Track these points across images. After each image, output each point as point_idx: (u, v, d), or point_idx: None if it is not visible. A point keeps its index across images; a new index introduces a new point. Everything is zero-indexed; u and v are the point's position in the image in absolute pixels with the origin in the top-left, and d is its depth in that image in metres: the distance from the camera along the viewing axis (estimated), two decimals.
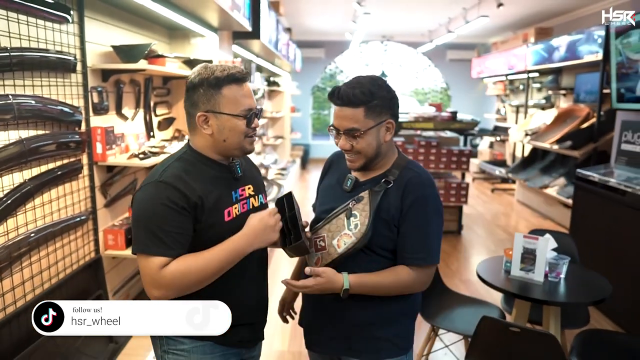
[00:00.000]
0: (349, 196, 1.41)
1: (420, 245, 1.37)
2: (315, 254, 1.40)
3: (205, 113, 1.28)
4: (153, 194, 1.24)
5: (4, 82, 1.75)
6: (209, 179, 1.30)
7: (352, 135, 1.35)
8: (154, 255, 1.20)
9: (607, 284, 2.22)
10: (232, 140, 1.31)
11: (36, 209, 1.98)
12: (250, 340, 1.44)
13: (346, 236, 1.35)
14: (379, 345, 1.42)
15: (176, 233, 1.22)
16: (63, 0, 2.09)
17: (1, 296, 1.79)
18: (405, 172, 1.41)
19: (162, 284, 1.21)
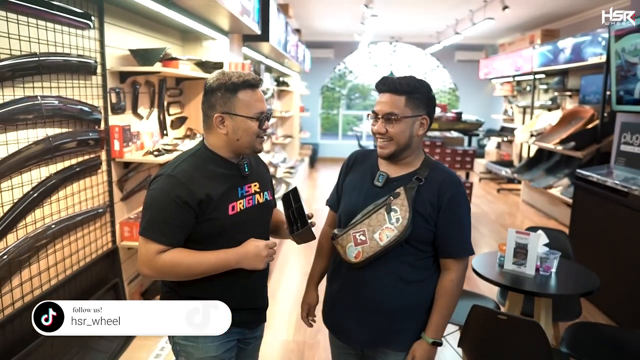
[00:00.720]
0: (380, 192, 1.51)
1: (460, 240, 1.51)
2: (356, 248, 1.47)
3: (221, 114, 1.42)
4: (164, 187, 1.39)
5: (33, 85, 1.91)
6: (218, 176, 1.44)
7: (389, 119, 1.46)
8: (154, 241, 1.36)
9: (596, 277, 2.33)
10: (245, 139, 1.44)
11: (60, 201, 2.14)
12: (253, 322, 1.59)
13: (388, 230, 1.44)
14: (410, 335, 1.52)
15: (177, 226, 1.38)
16: (85, 8, 2.25)
17: (29, 280, 1.95)
18: (435, 171, 1.51)
19: (154, 267, 1.37)
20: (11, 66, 1.75)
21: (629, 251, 3.23)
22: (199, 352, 1.46)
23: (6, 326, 1.80)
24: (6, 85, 1.76)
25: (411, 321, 1.53)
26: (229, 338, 1.51)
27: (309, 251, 4.91)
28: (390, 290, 1.49)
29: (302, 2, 6.67)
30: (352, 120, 12.46)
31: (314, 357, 2.93)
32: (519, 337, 1.92)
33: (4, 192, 1.79)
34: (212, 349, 1.47)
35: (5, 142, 1.78)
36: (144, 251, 1.38)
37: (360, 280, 1.52)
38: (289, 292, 3.84)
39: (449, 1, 6.64)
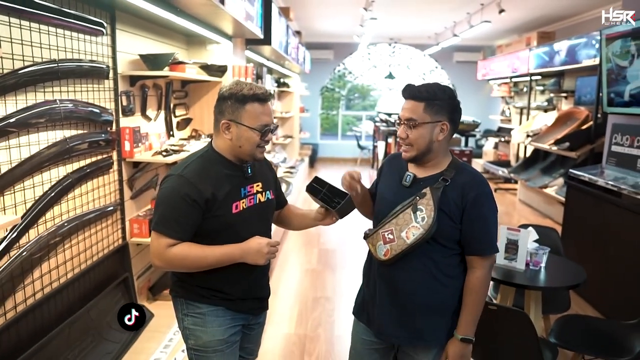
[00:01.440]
0: (407, 191, 1.57)
1: (485, 238, 1.55)
2: (384, 246, 1.55)
3: (228, 121, 1.54)
4: (175, 186, 1.51)
5: (52, 89, 2.03)
6: (223, 176, 1.56)
7: (409, 125, 1.53)
8: (165, 236, 1.48)
9: (583, 271, 2.45)
10: (246, 148, 1.56)
11: (75, 199, 2.26)
12: (256, 309, 1.72)
13: (414, 228, 1.51)
14: (438, 331, 1.60)
15: (185, 222, 1.50)
16: (99, 15, 2.37)
17: (48, 273, 2.07)
18: (460, 173, 1.57)
19: (164, 259, 1.49)
20: (33, 72, 1.88)
21: (617, 248, 3.36)
22: (207, 336, 1.58)
23: (29, 315, 1.92)
24: (29, 90, 1.88)
25: (439, 318, 1.59)
26: (235, 323, 1.63)
27: (308, 249, 5.05)
28: (418, 287, 1.57)
29: (302, 5, 6.80)
30: (351, 120, 12.58)
31: (315, 349, 3.05)
32: (508, 327, 2.03)
33: (27, 190, 1.91)
34: (219, 333, 1.59)
35: (28, 143, 1.90)
36: (155, 244, 1.49)
37: (390, 277, 1.60)
38: (289, 289, 3.96)
39: (447, 4, 6.76)
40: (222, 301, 1.59)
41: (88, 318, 2.34)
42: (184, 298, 1.60)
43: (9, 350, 1.77)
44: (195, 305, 1.59)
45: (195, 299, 1.58)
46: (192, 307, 1.60)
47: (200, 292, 1.58)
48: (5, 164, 1.78)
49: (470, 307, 1.57)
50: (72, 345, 2.18)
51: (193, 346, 1.61)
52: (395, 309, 1.61)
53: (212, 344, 1.58)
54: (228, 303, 1.60)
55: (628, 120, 3.87)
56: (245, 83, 1.55)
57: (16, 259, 1.83)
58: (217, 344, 1.59)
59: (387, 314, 1.63)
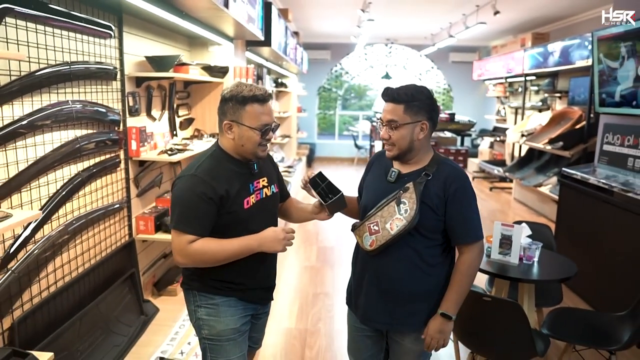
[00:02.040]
0: (392, 186, 1.66)
1: (469, 227, 1.64)
2: (370, 236, 1.64)
3: (230, 122, 1.62)
4: (190, 185, 1.58)
5: (65, 90, 2.11)
6: (233, 174, 1.64)
7: (391, 126, 1.61)
8: (185, 233, 1.55)
9: (574, 265, 2.55)
10: (248, 147, 1.63)
11: (86, 196, 2.34)
12: (264, 299, 1.81)
13: (398, 220, 1.59)
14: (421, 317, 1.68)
15: (204, 219, 1.57)
16: (107, 19, 2.45)
17: (61, 267, 2.15)
18: (442, 167, 1.65)
19: (187, 255, 1.54)
20: (48, 74, 1.96)
21: (608, 243, 3.47)
22: (221, 325, 1.67)
23: (43, 307, 2.00)
24: (44, 91, 1.96)
25: (423, 304, 1.67)
26: (246, 313, 1.72)
27: (307, 246, 5.14)
28: (402, 276, 1.66)
29: (300, 6, 6.88)
30: (347, 120, 12.67)
31: (315, 343, 3.13)
32: (502, 317, 2.13)
33: (42, 187, 1.99)
34: (232, 322, 1.67)
35: (42, 142, 1.98)
36: (177, 242, 1.55)
37: (376, 266, 1.70)
38: (289, 285, 4.05)
39: (443, 5, 6.86)
40: (235, 292, 1.67)
41: (97, 311, 2.42)
42: (197, 290, 1.68)
43: (26, 340, 1.85)
44: (209, 297, 1.68)
45: (209, 291, 1.67)
46: (205, 299, 1.68)
47: (213, 284, 1.66)
48: (22, 162, 1.86)
49: (455, 286, 1.64)
50: (82, 337, 2.26)
51: (207, 336, 1.69)
52: (380, 297, 1.70)
53: (226, 333, 1.67)
54: (240, 294, 1.69)
55: (619, 120, 3.98)
56: (246, 85, 1.63)
57: (32, 254, 1.91)
58: (230, 332, 1.67)
59: (373, 301, 1.72)
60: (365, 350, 1.86)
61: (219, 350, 1.68)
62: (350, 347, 1.92)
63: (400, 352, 1.75)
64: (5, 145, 1.76)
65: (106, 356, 2.37)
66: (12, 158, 1.80)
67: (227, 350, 1.68)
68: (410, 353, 1.74)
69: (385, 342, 1.83)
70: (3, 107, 1.74)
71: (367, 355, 1.87)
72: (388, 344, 1.81)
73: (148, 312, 2.87)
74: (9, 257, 1.79)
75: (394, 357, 1.80)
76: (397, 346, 1.76)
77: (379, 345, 1.84)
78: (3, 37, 1.72)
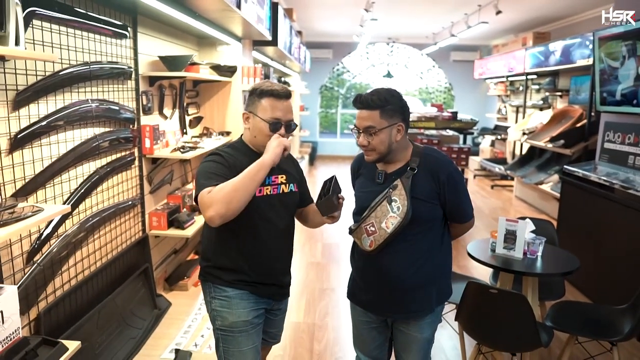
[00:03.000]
0: (382, 187, 1.70)
1: (465, 209, 1.76)
2: (368, 238, 1.69)
3: (247, 112, 1.70)
4: (211, 159, 1.64)
5: (85, 90, 2.18)
6: (249, 162, 1.63)
7: (369, 132, 1.64)
8: (205, 187, 1.52)
9: (576, 260, 2.62)
10: (259, 138, 1.70)
11: (103, 192, 2.41)
12: (278, 295, 1.86)
13: (392, 218, 1.64)
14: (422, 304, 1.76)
15: (223, 175, 1.58)
16: (122, 19, 2.52)
17: (81, 261, 2.23)
18: (425, 158, 1.70)
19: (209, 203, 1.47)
20: (70, 74, 2.03)
21: (608, 239, 3.55)
22: (232, 317, 1.73)
23: (65, 300, 2.07)
24: (66, 90, 2.03)
25: (426, 290, 1.73)
26: (258, 306, 1.78)
27: (312, 243, 5.21)
28: (403, 268, 1.72)
29: (304, 6, 6.95)
30: (349, 118, 12.74)
31: (324, 337, 3.21)
32: (507, 309, 2.20)
33: (64, 183, 2.06)
34: (243, 314, 1.73)
35: (65, 140, 2.05)
36: (201, 201, 1.50)
37: (376, 262, 1.75)
38: (296, 281, 4.12)
39: (445, 5, 6.93)
40: (246, 286, 1.73)
41: (114, 305, 2.49)
42: (212, 282, 1.75)
43: (50, 330, 1.92)
44: (222, 289, 1.74)
45: (222, 284, 1.73)
46: (219, 291, 1.74)
47: (226, 277, 1.72)
48: (46, 159, 1.93)
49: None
50: (101, 329, 2.33)
51: (220, 327, 1.75)
52: (384, 289, 1.76)
53: (238, 325, 1.73)
54: (251, 287, 1.74)
55: (619, 119, 4.05)
56: (270, 82, 1.71)
57: (55, 248, 1.99)
58: (242, 324, 1.73)
59: (378, 294, 1.79)
60: (372, 341, 1.92)
61: (231, 341, 1.74)
62: (356, 340, 1.98)
63: (406, 340, 1.82)
64: (31, 143, 1.83)
65: (123, 348, 2.45)
66: (37, 155, 1.87)
67: (239, 342, 1.74)
68: (415, 341, 1.81)
69: (390, 331, 1.89)
70: (30, 105, 1.81)
71: (373, 346, 1.93)
72: (393, 333, 1.88)
73: (161, 306, 2.94)
74: (34, 251, 1.86)
75: (399, 345, 1.87)
76: (402, 334, 1.82)
77: (384, 335, 1.91)
78: (30, 38, 1.79)
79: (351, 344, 2.06)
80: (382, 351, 1.94)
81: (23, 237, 1.80)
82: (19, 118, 1.76)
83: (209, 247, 1.77)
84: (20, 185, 1.78)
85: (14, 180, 1.74)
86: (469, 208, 1.79)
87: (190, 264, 3.48)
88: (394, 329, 1.87)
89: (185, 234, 3.02)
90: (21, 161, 1.78)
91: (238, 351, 1.74)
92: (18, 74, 1.74)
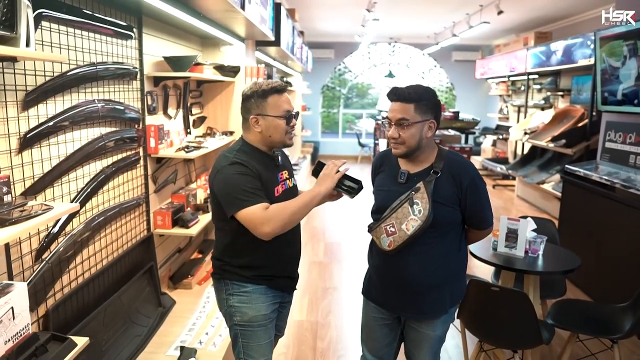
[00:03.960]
0: (404, 187, 1.73)
1: (485, 216, 1.78)
2: (388, 238, 1.71)
3: (256, 116, 1.73)
4: (234, 171, 1.64)
5: (91, 90, 2.21)
6: (262, 164, 1.74)
7: (401, 125, 1.66)
8: (255, 204, 1.59)
9: (577, 258, 2.65)
10: (276, 136, 1.74)
11: (110, 191, 2.44)
12: (290, 287, 1.93)
13: (413, 220, 1.67)
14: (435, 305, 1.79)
15: (259, 190, 1.65)
16: (127, 20, 2.55)
17: (87, 260, 2.26)
18: (449, 162, 1.73)
19: (269, 220, 1.57)
20: (77, 74, 2.05)
21: (609, 238, 3.57)
22: (252, 311, 1.77)
23: (72, 297, 2.10)
24: (73, 91, 2.06)
25: (440, 292, 1.77)
26: (274, 300, 1.83)
27: (315, 242, 5.24)
28: (420, 270, 1.74)
29: (306, 6, 6.98)
30: (350, 118, 12.76)
31: (327, 335, 3.24)
32: (509, 306, 2.22)
33: (71, 182, 2.09)
34: (263, 309, 1.78)
35: (72, 139, 2.08)
36: (255, 216, 1.58)
37: (396, 261, 1.77)
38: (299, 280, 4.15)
39: (447, 5, 6.95)
40: (264, 280, 1.78)
41: (120, 303, 2.52)
42: (229, 279, 1.78)
43: (58, 327, 1.95)
44: (241, 285, 1.77)
45: (241, 280, 1.77)
46: (237, 287, 1.78)
47: (244, 272, 1.76)
48: (55, 159, 1.96)
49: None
50: (107, 326, 2.36)
51: (239, 322, 1.78)
52: (398, 291, 1.79)
53: (258, 319, 1.77)
54: (269, 282, 1.79)
55: (621, 118, 4.07)
56: (263, 81, 1.75)
57: (62, 246, 2.01)
58: (261, 318, 1.78)
59: (392, 294, 1.82)
60: (382, 338, 1.94)
61: (251, 335, 1.78)
62: (365, 338, 2.00)
63: (418, 337, 1.85)
64: (40, 143, 1.85)
65: (129, 345, 2.47)
66: (45, 154, 1.90)
67: (259, 336, 1.79)
68: (427, 339, 1.84)
69: (400, 329, 1.92)
70: (38, 106, 1.84)
71: (383, 344, 1.95)
72: (404, 331, 1.91)
73: (165, 304, 2.97)
74: (43, 249, 1.89)
75: (410, 343, 1.90)
76: (414, 332, 1.85)
77: (394, 333, 1.93)
78: (39, 40, 1.81)
79: (354, 342, 2.09)
80: (389, 350, 1.97)
81: (32, 235, 1.83)
82: (28, 118, 1.79)
83: (226, 246, 1.79)
84: (30, 184, 1.81)
85: (24, 179, 1.77)
86: (489, 215, 1.80)
87: (194, 263, 3.51)
88: (406, 326, 1.89)
89: (190, 233, 3.05)
90: (30, 160, 1.80)
91: (257, 345, 1.79)
92: (27, 75, 1.76)
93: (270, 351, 1.87)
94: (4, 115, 1.66)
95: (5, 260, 1.67)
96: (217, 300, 1.87)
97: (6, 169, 1.68)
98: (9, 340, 1.45)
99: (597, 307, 2.81)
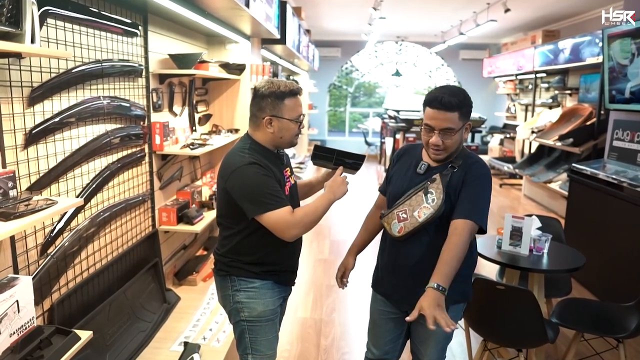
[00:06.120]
0: (421, 178, 1.76)
1: (472, 206, 1.66)
2: (399, 224, 1.74)
3: (270, 117, 1.72)
4: (252, 173, 1.65)
5: (97, 87, 2.23)
6: (272, 163, 1.75)
7: (446, 133, 1.67)
8: (280, 208, 1.63)
9: (582, 257, 2.63)
10: (286, 138, 1.77)
11: (115, 188, 2.46)
12: (292, 281, 1.95)
13: (425, 208, 1.70)
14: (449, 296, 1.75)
15: (281, 192, 1.69)
16: (133, 18, 2.57)
17: (92, 255, 2.28)
18: (467, 159, 1.75)
19: (296, 223, 1.65)
20: (83, 71, 2.07)
21: (616, 237, 3.54)
22: (261, 307, 1.79)
23: (77, 292, 2.12)
24: (78, 87, 2.08)
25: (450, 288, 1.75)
26: (280, 295, 1.86)
27: (320, 239, 5.25)
28: (427, 261, 1.71)
29: (313, 4, 6.98)
30: (357, 117, 12.75)
31: (330, 332, 3.24)
32: (514, 304, 2.21)
33: (76, 178, 2.11)
34: (270, 303, 1.80)
35: (77, 136, 2.10)
36: (281, 220, 1.63)
37: (403, 252, 1.79)
38: (303, 277, 4.16)
39: (454, 3, 6.92)
40: (271, 275, 1.80)
41: (124, 298, 2.54)
42: (236, 275, 1.79)
43: (63, 321, 1.97)
44: (249, 281, 1.79)
45: (248, 276, 1.78)
46: (244, 283, 1.79)
47: (251, 268, 1.77)
48: (60, 154, 1.98)
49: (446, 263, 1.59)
50: (112, 321, 2.38)
51: (247, 318, 1.80)
52: (407, 281, 1.80)
53: (266, 314, 1.80)
54: (275, 277, 1.82)
55: (629, 117, 4.03)
56: (279, 81, 1.75)
57: (67, 241, 2.03)
58: (269, 313, 1.80)
59: (401, 285, 1.83)
60: (387, 333, 1.95)
61: (259, 330, 1.81)
62: (371, 332, 2.02)
63: (424, 333, 1.85)
64: (45, 139, 1.87)
65: (133, 340, 2.49)
66: (51, 150, 1.92)
67: (266, 331, 1.82)
68: (433, 334, 1.83)
69: (407, 326, 1.92)
70: (44, 102, 1.86)
71: (388, 339, 1.96)
72: (411, 328, 1.91)
73: (170, 300, 2.99)
74: (48, 243, 1.91)
75: (417, 339, 1.90)
76: (421, 327, 1.84)
77: (399, 329, 1.94)
78: (44, 36, 1.83)
79: (358, 340, 2.10)
80: (394, 347, 1.97)
81: (37, 230, 1.85)
82: (33, 114, 1.80)
83: (235, 244, 1.79)
84: (35, 179, 1.82)
85: (29, 174, 1.79)
86: (478, 207, 1.67)
87: (199, 260, 3.53)
88: (413, 322, 1.88)
89: (195, 230, 3.06)
90: (36, 156, 1.82)
91: (265, 339, 1.82)
92: (33, 71, 1.78)
93: (276, 345, 1.89)
94: (10, 111, 1.68)
95: (11, 254, 1.69)
96: (220, 297, 1.88)
97: (12, 164, 1.70)
98: (14, 332, 1.46)
99: (603, 306, 2.79)
